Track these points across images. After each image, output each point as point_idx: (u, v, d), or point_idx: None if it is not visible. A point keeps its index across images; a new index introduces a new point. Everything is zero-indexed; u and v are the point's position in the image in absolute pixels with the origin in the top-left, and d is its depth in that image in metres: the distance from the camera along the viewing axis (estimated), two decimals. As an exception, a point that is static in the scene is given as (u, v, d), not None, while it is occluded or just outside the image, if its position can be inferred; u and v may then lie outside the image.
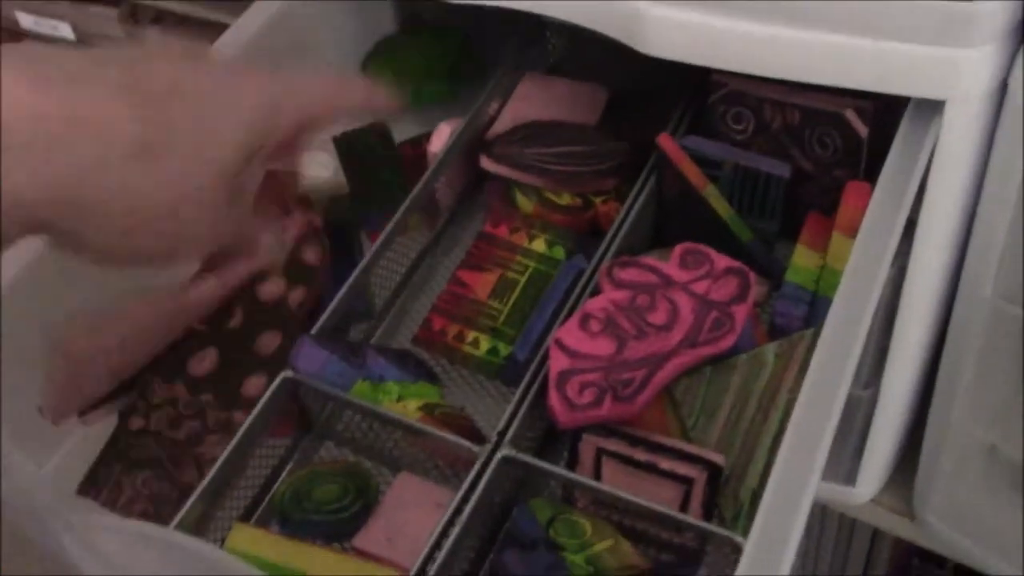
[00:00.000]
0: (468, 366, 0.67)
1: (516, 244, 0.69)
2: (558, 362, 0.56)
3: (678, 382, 0.59)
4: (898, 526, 0.78)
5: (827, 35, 0.51)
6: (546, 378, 0.57)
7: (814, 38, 0.51)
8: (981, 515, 0.72)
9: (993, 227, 0.55)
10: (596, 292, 0.61)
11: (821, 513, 0.99)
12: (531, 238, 0.69)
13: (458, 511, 0.53)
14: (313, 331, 0.61)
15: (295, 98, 0.52)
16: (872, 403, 0.69)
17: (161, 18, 1.17)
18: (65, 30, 1.19)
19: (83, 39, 1.19)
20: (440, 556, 0.52)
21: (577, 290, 0.62)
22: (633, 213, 0.66)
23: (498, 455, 0.55)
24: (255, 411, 0.57)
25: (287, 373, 0.59)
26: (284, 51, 0.71)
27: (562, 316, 0.61)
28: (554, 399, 0.55)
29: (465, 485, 0.54)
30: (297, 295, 0.61)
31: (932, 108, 0.52)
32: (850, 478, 0.75)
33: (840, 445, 0.73)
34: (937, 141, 0.53)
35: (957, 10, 0.48)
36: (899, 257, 0.60)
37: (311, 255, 0.62)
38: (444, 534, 0.52)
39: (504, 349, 0.65)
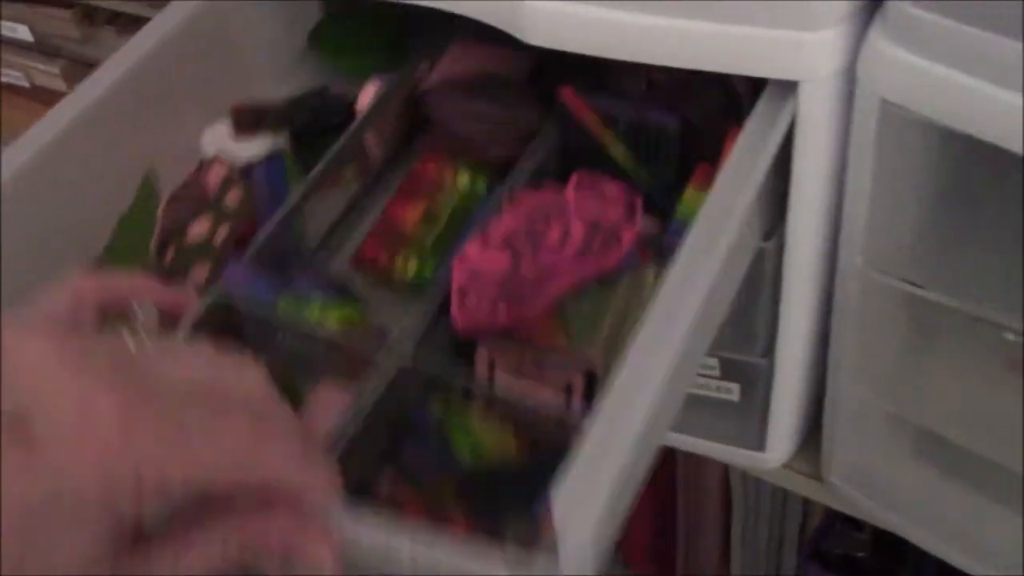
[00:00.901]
0: (399, 289, 0.71)
1: (443, 180, 0.74)
2: (460, 276, 0.62)
3: (567, 296, 0.63)
4: (809, 489, 0.81)
5: (688, 22, 0.54)
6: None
7: (677, 25, 0.54)
8: (883, 477, 0.75)
9: (858, 200, 0.58)
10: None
11: (756, 481, 1.02)
12: (456, 174, 0.74)
13: (363, 412, 0.57)
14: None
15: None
16: (772, 369, 0.72)
17: (116, 19, 1.21)
18: (23, 32, 1.22)
19: (41, 41, 1.23)
20: (339, 450, 0.56)
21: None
22: (540, 152, 0.70)
23: (400, 363, 0.60)
24: (187, 331, 0.61)
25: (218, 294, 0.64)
26: (205, 50, 0.74)
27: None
28: (455, 308, 0.61)
29: (368, 389, 0.58)
30: (222, 232, 0.67)
31: (787, 85, 0.55)
32: (760, 444, 0.78)
33: (746, 411, 0.76)
34: (796, 119, 0.56)
35: (801, -3, 0.51)
36: (780, 231, 0.63)
37: (231, 198, 0.69)
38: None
39: (430, 271, 0.69)
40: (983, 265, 0.60)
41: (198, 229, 0.69)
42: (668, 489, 1.08)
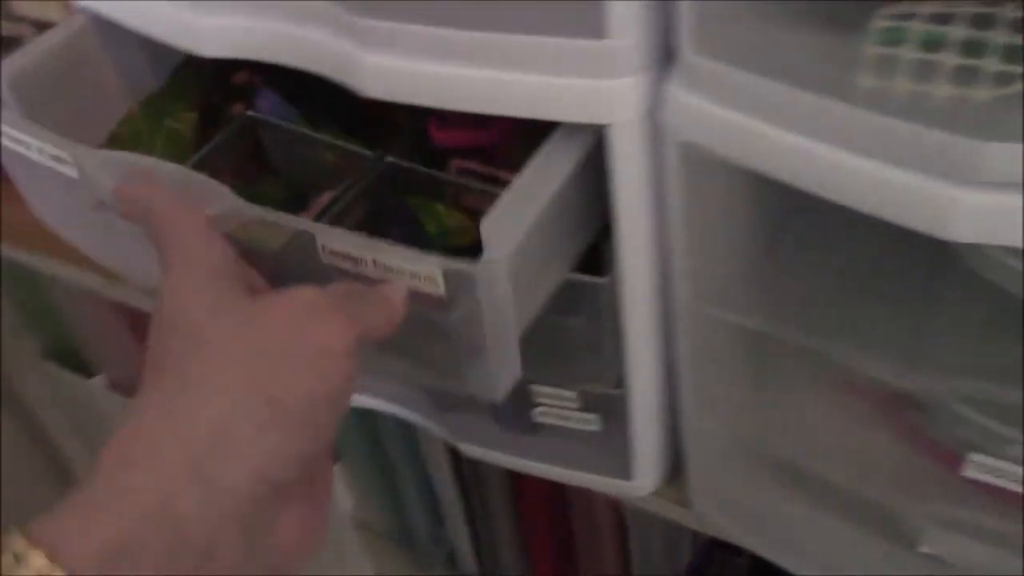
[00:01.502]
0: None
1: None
2: None
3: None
4: (679, 516, 0.83)
5: (497, 72, 0.57)
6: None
7: (490, 76, 0.57)
8: (746, 503, 0.78)
9: (677, 238, 0.61)
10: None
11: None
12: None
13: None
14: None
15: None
16: (626, 402, 0.74)
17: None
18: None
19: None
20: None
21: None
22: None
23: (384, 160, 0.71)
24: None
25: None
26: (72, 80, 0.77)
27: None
28: (434, 127, 0.72)
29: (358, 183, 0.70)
30: None
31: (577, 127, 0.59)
32: (627, 473, 0.81)
33: (609, 441, 0.79)
34: (611, 161, 0.59)
35: (600, 47, 0.54)
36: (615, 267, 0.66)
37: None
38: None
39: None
40: (804, 296, 0.63)
41: None
42: (565, 522, 1.10)
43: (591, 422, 0.77)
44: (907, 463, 0.69)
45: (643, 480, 0.81)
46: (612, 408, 0.75)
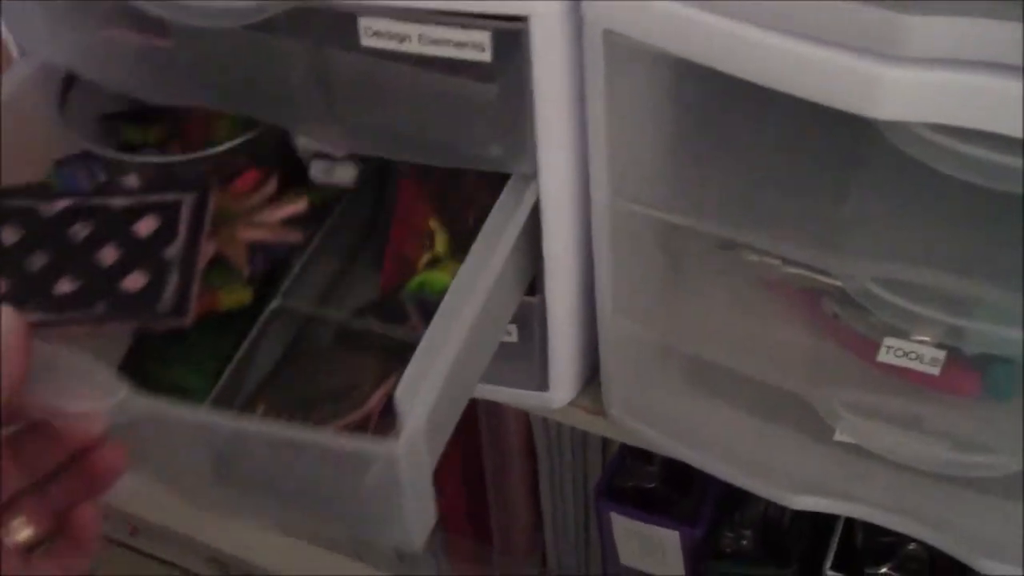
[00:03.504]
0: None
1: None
2: None
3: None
4: (594, 425, 0.83)
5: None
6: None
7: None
8: (661, 406, 0.79)
9: (597, 132, 0.61)
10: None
11: (556, 425, 1.05)
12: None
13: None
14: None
15: None
16: (543, 309, 0.74)
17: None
18: None
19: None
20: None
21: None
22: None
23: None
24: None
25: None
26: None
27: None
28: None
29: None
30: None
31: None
32: (543, 384, 0.81)
33: (527, 352, 0.79)
34: (530, 56, 0.58)
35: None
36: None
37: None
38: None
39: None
40: (723, 187, 0.64)
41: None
42: (474, 448, 1.10)
43: (509, 333, 0.77)
44: (822, 353, 0.70)
45: (559, 392, 0.81)
46: (529, 317, 0.75)
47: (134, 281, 0.66)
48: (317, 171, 0.77)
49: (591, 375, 0.82)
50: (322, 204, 0.77)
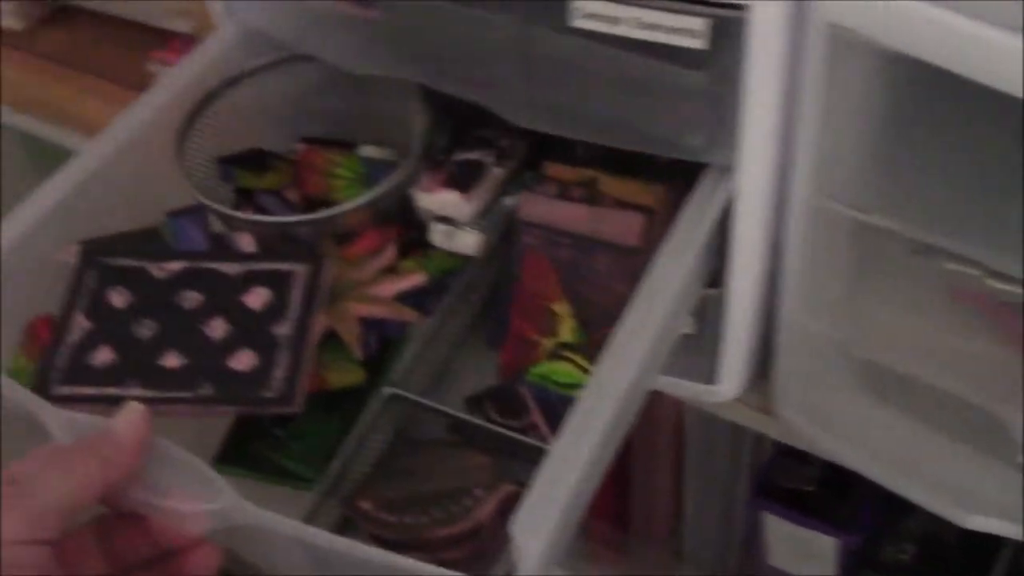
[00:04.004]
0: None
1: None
2: None
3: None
4: (759, 422, 0.82)
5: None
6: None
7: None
8: (832, 409, 0.77)
9: (808, 127, 0.59)
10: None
11: (710, 417, 1.03)
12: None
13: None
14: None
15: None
16: (723, 302, 0.73)
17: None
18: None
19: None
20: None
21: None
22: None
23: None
24: None
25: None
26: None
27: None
28: None
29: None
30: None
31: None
32: (712, 377, 0.79)
33: (700, 344, 0.77)
34: (748, 50, 0.56)
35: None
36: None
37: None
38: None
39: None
40: (931, 192, 0.61)
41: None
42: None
43: (686, 323, 0.75)
44: (1016, 371, 0.67)
45: (727, 385, 0.79)
46: (707, 309, 0.74)
47: (242, 360, 0.63)
48: (438, 235, 0.73)
49: (759, 372, 0.81)
50: (440, 273, 0.73)
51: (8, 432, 0.62)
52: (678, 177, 0.70)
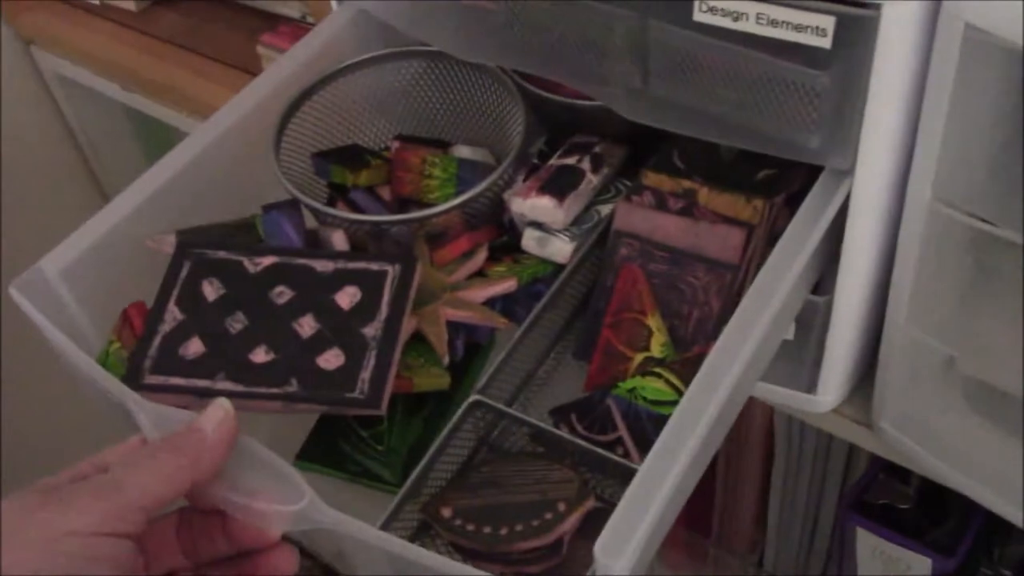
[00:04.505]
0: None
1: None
2: None
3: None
4: (857, 435, 0.80)
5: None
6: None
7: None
8: (934, 424, 0.75)
9: (932, 130, 0.58)
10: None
11: (800, 427, 1.01)
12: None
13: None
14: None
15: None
16: (829, 310, 0.71)
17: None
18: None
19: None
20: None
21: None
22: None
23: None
24: None
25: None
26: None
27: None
28: None
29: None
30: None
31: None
32: (812, 387, 0.78)
33: (800, 352, 0.76)
34: (876, 44, 0.55)
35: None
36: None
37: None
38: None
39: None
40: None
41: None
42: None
43: (790, 330, 0.74)
44: None
45: (827, 395, 0.78)
46: (812, 316, 0.72)
47: (330, 359, 0.63)
48: (530, 241, 0.72)
49: (860, 383, 0.79)
50: (530, 280, 0.72)
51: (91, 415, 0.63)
52: (777, 192, 0.69)
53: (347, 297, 0.65)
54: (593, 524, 0.57)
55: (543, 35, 0.66)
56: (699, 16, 0.57)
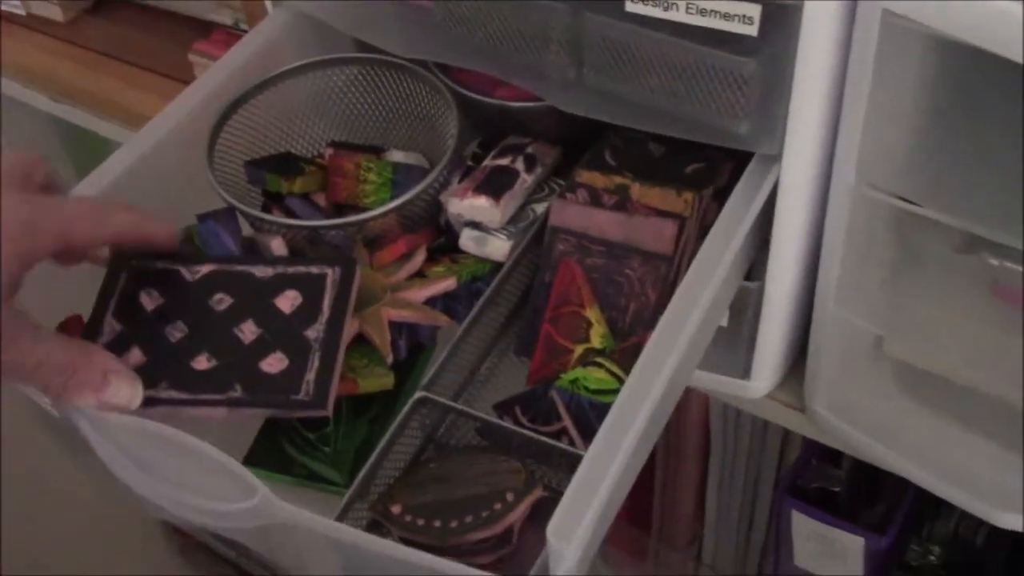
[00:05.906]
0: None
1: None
2: None
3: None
4: (790, 420, 0.82)
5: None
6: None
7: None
8: (866, 406, 0.77)
9: (854, 114, 0.60)
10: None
11: (736, 416, 1.04)
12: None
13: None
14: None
15: (53, 223, 0.58)
16: (761, 295, 0.73)
17: None
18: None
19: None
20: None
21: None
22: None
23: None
24: None
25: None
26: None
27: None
28: None
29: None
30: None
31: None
32: (746, 372, 0.80)
33: (735, 338, 0.78)
34: (800, 37, 0.57)
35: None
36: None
37: None
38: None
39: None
40: (977, 182, 0.62)
41: None
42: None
43: (724, 317, 0.76)
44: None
45: (760, 381, 0.80)
46: (744, 302, 0.74)
47: (273, 364, 0.63)
48: (468, 241, 0.73)
49: (793, 368, 0.81)
50: (470, 279, 0.72)
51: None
52: (706, 186, 0.71)
53: (288, 301, 0.65)
54: (542, 513, 0.58)
55: (479, 31, 0.67)
56: (631, 7, 0.59)
